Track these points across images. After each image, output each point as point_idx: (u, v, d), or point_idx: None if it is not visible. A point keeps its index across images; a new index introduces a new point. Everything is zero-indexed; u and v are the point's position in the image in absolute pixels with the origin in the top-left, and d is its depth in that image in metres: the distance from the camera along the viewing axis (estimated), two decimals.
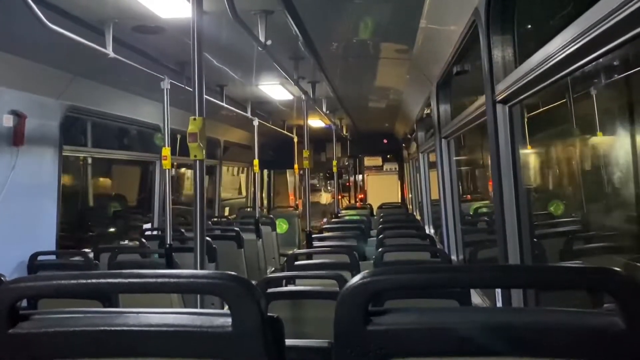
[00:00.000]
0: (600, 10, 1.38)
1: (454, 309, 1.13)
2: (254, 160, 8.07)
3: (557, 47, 1.71)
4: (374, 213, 9.68)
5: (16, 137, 4.07)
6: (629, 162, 2.73)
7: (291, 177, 15.03)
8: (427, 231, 6.91)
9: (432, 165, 7.39)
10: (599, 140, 3.23)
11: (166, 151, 4.67)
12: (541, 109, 3.61)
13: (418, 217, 8.90)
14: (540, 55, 1.90)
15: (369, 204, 11.07)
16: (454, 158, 4.93)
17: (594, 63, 1.61)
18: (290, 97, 7.27)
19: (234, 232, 5.86)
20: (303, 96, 6.23)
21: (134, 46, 4.33)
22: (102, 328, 1.04)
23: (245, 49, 4.50)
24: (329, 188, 14.54)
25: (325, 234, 5.62)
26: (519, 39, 2.57)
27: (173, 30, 3.95)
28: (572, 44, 1.59)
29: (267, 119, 9.19)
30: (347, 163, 14.42)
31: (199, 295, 2.91)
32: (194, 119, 2.73)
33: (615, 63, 2.72)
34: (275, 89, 6.84)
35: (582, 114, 3.36)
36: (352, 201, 14.25)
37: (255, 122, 7.94)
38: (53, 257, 4.43)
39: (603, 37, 1.42)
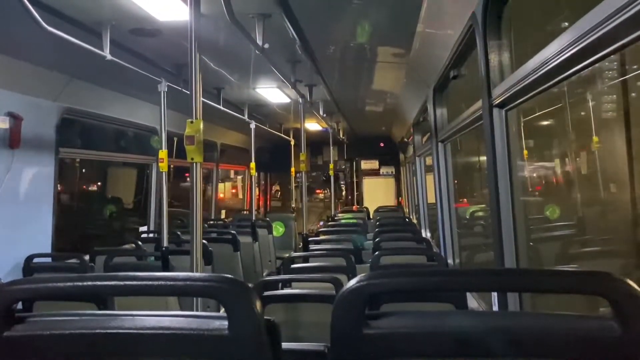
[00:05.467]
0: (597, 16, 1.39)
1: (450, 313, 1.13)
2: (251, 163, 8.07)
3: (553, 51, 1.72)
4: (371, 216, 9.68)
5: (12, 139, 4.06)
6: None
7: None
8: (423, 234, 6.92)
9: (428, 169, 7.41)
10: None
11: (163, 154, 4.66)
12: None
13: (414, 221, 8.91)
14: (536, 59, 1.90)
15: (366, 207, 11.07)
16: (451, 161, 4.94)
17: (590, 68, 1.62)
18: (287, 100, 7.28)
19: (230, 235, 5.85)
20: (300, 99, 6.24)
21: (131, 49, 4.32)
22: (97, 331, 1.04)
23: (243, 52, 4.51)
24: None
25: (322, 237, 5.62)
26: (516, 44, 2.58)
27: (170, 33, 3.95)
28: (569, 49, 1.60)
29: (264, 122, 9.19)
30: (344, 166, 14.43)
31: (195, 298, 2.91)
32: (191, 122, 2.73)
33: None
34: (272, 92, 6.84)
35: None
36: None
37: (252, 125, 7.94)
38: (49, 259, 4.41)
39: (599, 42, 1.42)
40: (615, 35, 1.35)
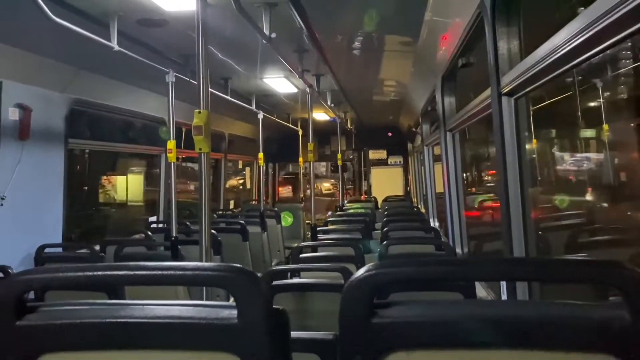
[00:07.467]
0: (608, 2, 1.37)
1: (459, 302, 1.13)
2: (259, 154, 8.07)
3: (563, 39, 1.70)
4: (379, 206, 9.67)
5: (22, 131, 4.08)
6: None
7: None
8: (431, 224, 6.90)
9: (436, 158, 7.38)
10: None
11: (171, 144, 4.67)
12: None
13: (423, 210, 8.90)
14: (546, 47, 1.88)
15: (374, 197, 11.05)
16: (459, 151, 4.92)
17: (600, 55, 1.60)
18: (294, 90, 7.26)
19: (239, 225, 5.88)
20: (307, 89, 6.22)
21: (138, 39, 4.32)
22: (108, 320, 1.05)
23: (250, 42, 4.49)
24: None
25: (330, 227, 5.62)
26: (525, 31, 2.56)
27: (177, 23, 3.94)
28: (579, 36, 1.58)
29: (271, 112, 9.18)
30: (351, 156, 14.40)
31: (204, 288, 2.93)
32: (199, 112, 2.74)
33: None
34: (279, 82, 6.83)
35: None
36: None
37: (260, 115, 7.93)
38: (59, 249, 4.45)
39: (610, 28, 1.41)
40: (627, 22, 1.33)
